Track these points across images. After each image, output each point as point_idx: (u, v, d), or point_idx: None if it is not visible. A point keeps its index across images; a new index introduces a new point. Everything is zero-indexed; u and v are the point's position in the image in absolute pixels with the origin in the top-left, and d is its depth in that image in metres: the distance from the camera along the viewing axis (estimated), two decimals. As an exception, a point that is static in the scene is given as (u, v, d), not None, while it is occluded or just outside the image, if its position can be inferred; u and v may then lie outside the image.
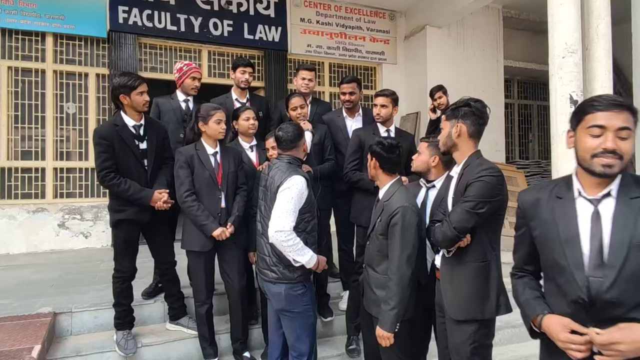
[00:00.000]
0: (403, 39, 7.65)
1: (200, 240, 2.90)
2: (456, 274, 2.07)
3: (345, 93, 3.62)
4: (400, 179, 2.47)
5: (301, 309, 2.49)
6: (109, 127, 2.88)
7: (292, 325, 2.51)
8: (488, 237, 2.05)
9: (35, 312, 3.14)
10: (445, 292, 2.10)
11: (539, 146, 9.55)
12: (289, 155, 2.59)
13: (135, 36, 5.80)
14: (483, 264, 2.03)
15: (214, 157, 2.97)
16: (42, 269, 4.48)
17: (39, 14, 5.42)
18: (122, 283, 2.97)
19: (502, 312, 2.04)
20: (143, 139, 2.96)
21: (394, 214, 2.24)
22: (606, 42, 5.29)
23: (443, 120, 2.18)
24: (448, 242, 2.02)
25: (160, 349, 3.11)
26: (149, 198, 2.88)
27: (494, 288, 2.03)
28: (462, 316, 2.03)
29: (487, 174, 1.95)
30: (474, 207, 1.93)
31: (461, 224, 1.95)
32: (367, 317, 2.52)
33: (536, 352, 1.60)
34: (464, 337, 2.02)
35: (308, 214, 2.48)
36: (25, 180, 5.48)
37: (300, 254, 2.40)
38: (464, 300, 2.03)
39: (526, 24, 8.34)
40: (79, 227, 5.57)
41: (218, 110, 2.96)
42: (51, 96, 5.57)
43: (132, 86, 2.84)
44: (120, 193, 2.83)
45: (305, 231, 2.47)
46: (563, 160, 4.99)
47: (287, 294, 2.47)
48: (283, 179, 2.43)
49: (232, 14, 6.35)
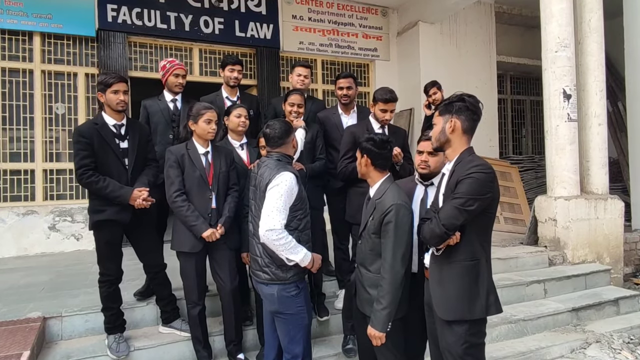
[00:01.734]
0: (396, 35, 7.62)
1: (190, 241, 2.85)
2: (445, 273, 2.04)
3: (343, 88, 3.59)
4: (391, 177, 2.42)
5: (295, 310, 2.42)
6: (88, 125, 2.85)
7: (285, 327, 2.45)
8: (478, 235, 2.01)
9: (25, 317, 3.07)
10: (434, 292, 2.07)
11: (532, 141, 9.57)
12: (277, 152, 2.52)
13: (125, 35, 5.73)
14: (472, 262, 2.00)
15: (205, 157, 2.92)
16: (33, 272, 4.41)
17: (25, 13, 5.33)
18: (109, 287, 2.91)
19: (492, 312, 2.01)
20: (124, 138, 2.91)
21: (387, 212, 2.21)
22: (599, 36, 5.30)
23: (436, 116, 2.12)
24: (436, 240, 1.98)
25: (154, 352, 3.06)
26: (128, 195, 2.81)
27: (483, 287, 2.00)
28: (451, 316, 2.00)
29: (478, 170, 1.91)
30: (464, 204, 1.90)
31: (449, 221, 1.92)
32: (359, 316, 2.50)
33: (532, 348, 1.58)
34: (455, 338, 1.99)
35: (300, 211, 2.42)
36: (14, 182, 5.39)
37: (294, 252, 2.33)
38: (453, 300, 2.00)
39: (519, 19, 8.35)
40: (70, 230, 5.49)
41: (209, 110, 2.91)
42: (40, 97, 5.48)
43: (106, 83, 2.80)
44: (99, 190, 2.76)
45: (297, 229, 2.41)
46: (556, 155, 5.00)
47: (280, 295, 2.40)
48: (272, 176, 2.37)
49: (223, 11, 6.29)
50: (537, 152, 9.21)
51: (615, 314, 4.24)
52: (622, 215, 5.16)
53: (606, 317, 4.17)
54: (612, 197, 5.15)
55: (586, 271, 4.60)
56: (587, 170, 5.29)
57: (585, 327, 3.91)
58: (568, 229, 4.83)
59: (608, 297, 4.27)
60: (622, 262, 5.16)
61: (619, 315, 4.23)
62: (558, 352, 3.56)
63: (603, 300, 4.21)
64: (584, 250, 4.88)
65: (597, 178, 5.25)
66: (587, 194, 5.18)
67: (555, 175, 5.02)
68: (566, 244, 4.84)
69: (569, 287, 4.44)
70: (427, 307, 2.21)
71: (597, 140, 5.25)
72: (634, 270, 5.57)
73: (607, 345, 3.60)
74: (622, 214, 5.16)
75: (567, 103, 4.91)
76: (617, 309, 4.27)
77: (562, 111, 4.93)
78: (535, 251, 4.90)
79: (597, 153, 5.25)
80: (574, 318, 4.02)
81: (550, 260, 4.79)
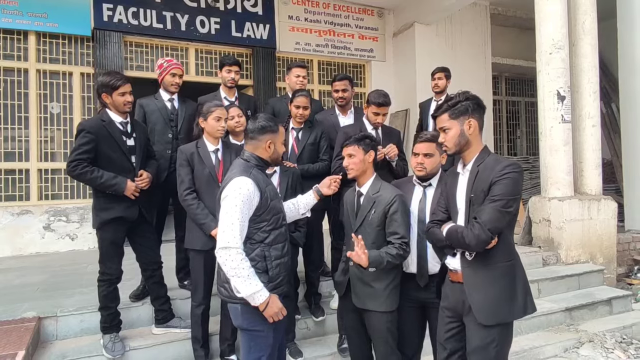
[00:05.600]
0: (392, 36, 7.65)
1: (201, 239, 2.85)
2: (483, 276, 1.96)
3: (338, 90, 3.62)
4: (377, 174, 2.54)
5: (260, 328, 2.10)
6: (95, 121, 2.83)
7: (247, 344, 2.16)
8: (511, 235, 1.99)
9: (19, 317, 3.05)
10: (471, 297, 1.97)
11: (527, 142, 9.63)
12: (249, 151, 2.22)
13: (121, 34, 5.71)
14: (509, 263, 1.97)
15: (214, 154, 2.92)
16: (27, 272, 4.38)
17: (20, 11, 5.30)
18: (109, 286, 2.90)
19: (529, 312, 1.98)
20: (130, 136, 2.92)
21: (391, 203, 2.35)
22: (592, 38, 5.34)
23: (444, 120, 2.03)
24: (482, 245, 1.89)
25: (149, 352, 3.05)
26: (124, 185, 2.78)
27: (520, 287, 1.97)
28: (493, 320, 1.93)
29: (511, 170, 1.88)
30: (505, 206, 1.85)
31: (494, 225, 1.86)
32: (351, 316, 2.54)
33: (526, 347, 1.60)
34: (488, 340, 1.94)
35: (264, 223, 2.10)
36: (8, 182, 5.36)
37: (244, 282, 1.96)
38: (494, 304, 1.93)
39: (513, 20, 8.39)
40: (64, 229, 5.47)
41: (219, 107, 2.93)
42: (34, 96, 5.46)
43: (114, 86, 2.79)
44: (93, 181, 2.72)
45: (263, 242, 2.09)
46: (550, 156, 5.04)
47: (244, 310, 2.08)
48: (224, 184, 2.11)
49: (220, 11, 6.28)
50: (531, 153, 9.27)
51: (608, 314, 4.27)
52: (615, 215, 5.20)
53: (599, 316, 4.21)
54: (606, 198, 5.20)
55: (580, 271, 4.64)
56: (580, 171, 5.33)
57: (579, 327, 3.94)
58: (562, 230, 4.87)
59: (601, 297, 4.30)
60: (615, 262, 5.20)
61: (611, 315, 4.27)
62: (551, 352, 3.59)
63: (596, 300, 4.25)
64: (578, 250, 4.92)
65: (591, 179, 5.29)
66: (581, 194, 5.22)
67: (549, 176, 5.05)
68: (560, 244, 4.88)
69: (563, 287, 4.47)
70: (451, 313, 2.11)
71: (591, 142, 5.30)
72: (626, 270, 5.62)
73: (600, 345, 3.63)
74: (615, 214, 5.20)
75: (561, 104, 4.95)
76: (610, 308, 4.31)
77: (556, 112, 4.96)
78: (529, 251, 4.93)
79: (590, 154, 5.29)
80: (567, 318, 4.05)
81: (544, 261, 4.83)
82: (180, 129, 3.48)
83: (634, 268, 5.63)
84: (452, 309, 2.11)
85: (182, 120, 3.49)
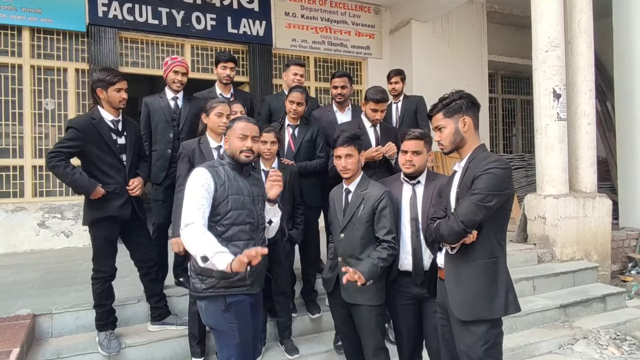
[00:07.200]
0: (388, 33, 7.64)
1: None
2: (463, 272, 1.97)
3: (337, 87, 3.61)
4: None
5: (225, 327, 2.10)
6: (85, 119, 2.78)
7: (218, 343, 2.19)
8: (495, 232, 1.97)
9: (14, 314, 3.03)
10: (451, 292, 1.99)
11: (522, 140, 9.66)
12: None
13: (116, 30, 5.67)
14: (491, 260, 1.95)
15: (217, 151, 2.91)
16: (22, 269, 4.36)
17: (14, 7, 5.25)
18: (103, 284, 2.87)
19: (511, 311, 1.95)
20: (121, 134, 2.88)
21: (380, 199, 2.41)
22: (588, 36, 5.35)
23: (439, 119, 2.05)
24: (454, 237, 1.92)
25: (144, 350, 3.05)
26: (92, 190, 2.70)
27: (502, 285, 1.95)
28: (470, 316, 1.93)
29: (495, 166, 1.88)
30: (482, 200, 1.85)
31: (468, 217, 1.87)
32: (341, 312, 2.57)
33: (521, 344, 1.60)
34: (475, 339, 1.93)
35: (219, 216, 2.09)
36: (2, 178, 5.32)
37: (205, 248, 1.88)
38: (471, 300, 1.93)
39: (510, 18, 8.41)
40: (59, 226, 5.44)
41: (221, 103, 2.92)
42: (29, 92, 5.41)
43: (110, 82, 2.76)
44: (64, 176, 2.65)
45: (221, 237, 2.05)
46: (546, 154, 5.06)
47: (208, 307, 2.10)
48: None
49: (215, 7, 6.25)
50: (527, 150, 9.31)
51: (602, 311, 4.31)
52: (610, 213, 5.23)
53: (594, 313, 4.24)
54: (601, 196, 5.23)
55: (574, 268, 4.67)
56: (576, 169, 5.35)
57: (573, 324, 3.97)
58: (557, 227, 4.89)
59: (595, 294, 4.34)
60: (610, 260, 5.24)
61: (606, 312, 4.30)
62: (546, 348, 3.61)
63: (591, 297, 4.28)
64: (573, 247, 4.95)
65: (586, 177, 5.31)
66: (576, 192, 5.25)
67: (544, 173, 5.07)
68: (555, 242, 4.91)
69: (558, 284, 4.50)
70: (441, 309, 2.13)
71: (586, 139, 5.32)
72: (621, 267, 5.66)
73: (594, 341, 3.66)
74: (610, 212, 5.23)
75: (556, 102, 4.97)
76: (604, 305, 4.34)
77: (552, 110, 4.98)
78: (525, 248, 4.96)
79: (586, 152, 5.32)
80: (562, 314, 4.08)
81: (539, 258, 4.85)
82: (182, 128, 3.43)
83: (628, 265, 5.67)
84: (441, 306, 2.12)
85: (184, 120, 3.44)
